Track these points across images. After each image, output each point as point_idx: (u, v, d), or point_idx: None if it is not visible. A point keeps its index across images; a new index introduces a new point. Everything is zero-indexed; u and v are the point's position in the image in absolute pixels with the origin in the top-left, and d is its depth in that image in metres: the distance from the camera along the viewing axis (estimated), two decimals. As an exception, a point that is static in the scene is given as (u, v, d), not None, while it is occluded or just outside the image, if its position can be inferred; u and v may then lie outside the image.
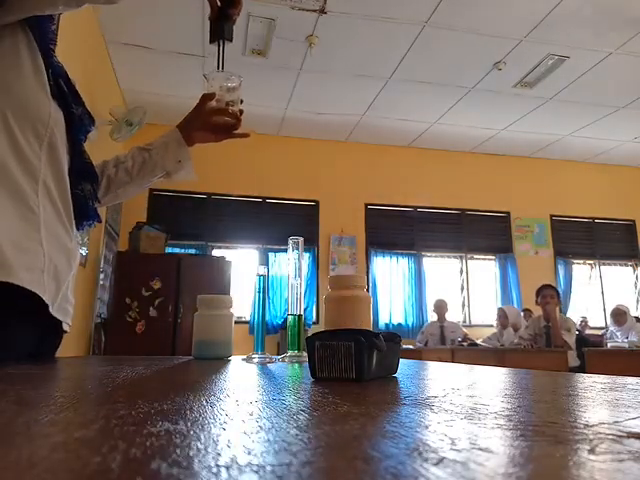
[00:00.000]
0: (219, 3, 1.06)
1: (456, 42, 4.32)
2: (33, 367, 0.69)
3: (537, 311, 4.58)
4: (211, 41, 1.08)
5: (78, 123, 0.96)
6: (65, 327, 0.96)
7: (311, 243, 6.07)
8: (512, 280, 6.54)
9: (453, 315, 6.01)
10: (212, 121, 1.11)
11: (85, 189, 1.00)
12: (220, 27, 1.07)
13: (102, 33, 4.22)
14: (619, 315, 4.97)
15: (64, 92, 0.92)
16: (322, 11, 3.92)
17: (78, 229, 1.02)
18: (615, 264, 7.03)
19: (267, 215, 6.11)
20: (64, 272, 0.91)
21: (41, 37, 0.88)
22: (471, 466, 0.17)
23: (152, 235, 4.76)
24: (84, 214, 1.00)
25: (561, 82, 4.96)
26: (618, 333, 4.94)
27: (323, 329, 0.60)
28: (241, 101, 1.12)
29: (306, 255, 6.00)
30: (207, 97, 1.09)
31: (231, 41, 1.08)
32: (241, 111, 1.12)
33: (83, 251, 4.01)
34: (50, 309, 0.86)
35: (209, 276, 4.66)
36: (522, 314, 5.66)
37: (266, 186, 6.13)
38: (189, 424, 0.25)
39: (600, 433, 0.23)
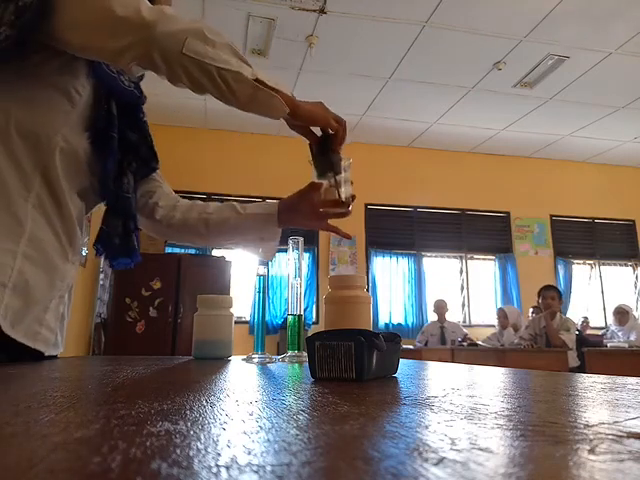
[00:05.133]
0: (319, 135, 0.97)
1: (456, 42, 4.32)
2: (33, 367, 0.69)
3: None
4: (319, 176, 1.00)
5: (124, 157, 0.94)
6: (49, 351, 0.88)
7: (311, 243, 6.06)
8: (512, 280, 6.53)
9: (453, 315, 6.01)
10: (321, 213, 1.04)
11: (111, 224, 0.96)
12: (328, 162, 1.00)
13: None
14: (621, 314, 4.97)
15: (112, 121, 0.90)
16: (322, 11, 3.92)
17: (112, 266, 0.99)
18: (615, 264, 7.03)
19: (267, 215, 6.09)
20: (40, 291, 0.83)
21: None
22: (471, 466, 0.17)
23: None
24: (118, 251, 0.97)
25: (561, 82, 4.96)
26: (619, 333, 4.93)
27: (323, 329, 0.60)
28: (351, 182, 1.03)
29: (306, 255, 6.00)
30: (315, 187, 1.01)
31: (340, 173, 1.01)
32: (353, 197, 1.05)
33: (83, 251, 4.01)
34: (2, 327, 0.76)
35: (209, 276, 4.65)
36: (531, 311, 5.60)
37: (266, 186, 6.11)
38: (189, 424, 0.25)
39: (600, 433, 0.23)
